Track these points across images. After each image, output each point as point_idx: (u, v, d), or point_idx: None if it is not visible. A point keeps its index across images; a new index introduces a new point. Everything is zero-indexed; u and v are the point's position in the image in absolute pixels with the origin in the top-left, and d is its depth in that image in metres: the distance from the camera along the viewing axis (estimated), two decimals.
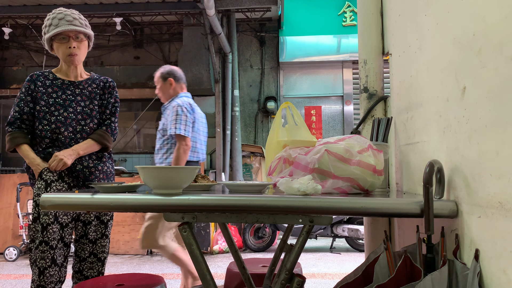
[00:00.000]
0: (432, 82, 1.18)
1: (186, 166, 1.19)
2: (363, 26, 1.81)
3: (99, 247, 2.03)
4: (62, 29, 1.93)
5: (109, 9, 5.90)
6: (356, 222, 5.30)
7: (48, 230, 1.87)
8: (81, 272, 2.00)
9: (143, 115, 7.17)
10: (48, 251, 1.86)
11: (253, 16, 6.66)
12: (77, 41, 2.00)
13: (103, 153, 2.11)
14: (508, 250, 0.80)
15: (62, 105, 1.99)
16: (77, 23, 1.98)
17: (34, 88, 1.99)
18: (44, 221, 1.87)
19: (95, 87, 2.10)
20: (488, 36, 0.87)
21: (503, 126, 0.81)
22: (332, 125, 7.01)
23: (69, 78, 2.07)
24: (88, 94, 2.07)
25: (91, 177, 2.03)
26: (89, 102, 2.05)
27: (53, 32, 1.94)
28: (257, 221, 1.15)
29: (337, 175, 1.24)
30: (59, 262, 1.91)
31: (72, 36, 1.98)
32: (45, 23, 1.99)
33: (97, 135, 2.03)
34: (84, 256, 2.00)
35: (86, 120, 2.03)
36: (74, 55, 1.99)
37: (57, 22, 1.95)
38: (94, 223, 2.02)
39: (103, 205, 1.16)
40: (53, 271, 1.87)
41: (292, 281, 1.16)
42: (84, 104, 2.04)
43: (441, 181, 1.03)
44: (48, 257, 1.85)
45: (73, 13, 2.01)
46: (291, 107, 1.66)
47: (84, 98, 2.05)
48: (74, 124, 1.99)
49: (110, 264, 4.83)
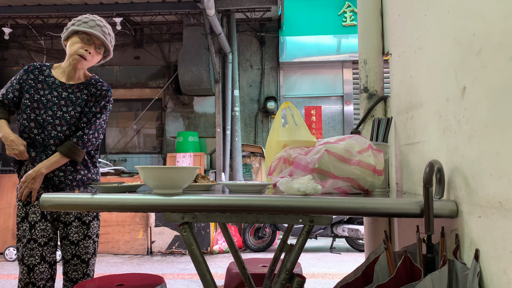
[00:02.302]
0: (432, 82, 1.18)
1: (186, 166, 1.19)
2: (363, 26, 1.81)
3: (81, 249, 1.96)
4: (94, 32, 1.91)
5: (109, 9, 5.90)
6: (356, 222, 5.30)
7: (36, 228, 1.86)
8: (66, 274, 1.97)
9: (143, 115, 7.17)
10: (37, 249, 1.85)
11: (253, 16, 6.66)
12: (96, 51, 1.97)
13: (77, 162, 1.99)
14: (508, 250, 0.80)
15: (44, 105, 1.92)
16: (109, 38, 1.99)
17: (25, 79, 1.95)
18: (32, 219, 1.87)
19: (85, 93, 2.00)
20: (488, 36, 0.87)
21: (503, 126, 0.81)
22: (332, 125, 7.01)
23: (63, 78, 2.00)
24: (74, 100, 1.96)
25: (61, 185, 1.95)
26: (72, 108, 1.95)
27: (84, 29, 1.90)
28: (257, 221, 1.15)
29: (337, 175, 1.24)
30: (49, 259, 1.89)
31: (97, 44, 1.95)
32: (82, 19, 1.95)
33: (65, 148, 1.90)
34: (67, 258, 1.96)
35: (63, 127, 1.92)
36: (84, 58, 1.94)
37: (94, 24, 1.93)
38: (74, 224, 1.95)
39: (103, 205, 1.16)
40: (43, 268, 1.86)
41: (292, 281, 1.16)
42: (66, 109, 1.94)
43: (441, 181, 1.03)
44: (37, 254, 1.84)
45: (110, 30, 2.02)
46: (291, 107, 1.66)
47: (68, 103, 1.95)
48: (49, 128, 1.91)
49: (110, 264, 4.83)
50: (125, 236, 5.46)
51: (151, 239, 5.49)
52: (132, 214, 5.46)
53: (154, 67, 7.30)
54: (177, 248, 5.46)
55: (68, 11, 5.92)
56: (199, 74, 6.34)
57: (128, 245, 5.45)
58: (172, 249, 5.47)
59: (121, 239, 5.45)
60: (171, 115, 7.27)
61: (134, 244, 5.45)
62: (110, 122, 7.43)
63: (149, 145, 7.39)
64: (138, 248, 5.44)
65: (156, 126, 7.30)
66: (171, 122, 7.26)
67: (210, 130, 7.10)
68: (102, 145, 7.35)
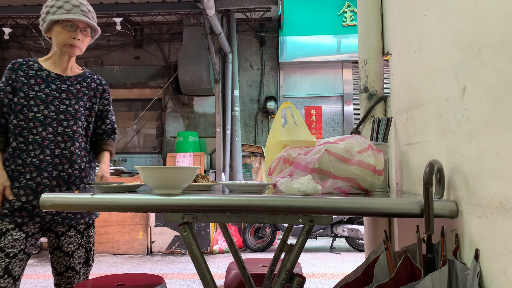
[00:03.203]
0: (432, 82, 1.18)
1: (186, 166, 1.19)
2: (363, 26, 1.81)
3: (76, 259, 1.80)
4: (74, 17, 1.75)
5: (109, 9, 5.90)
6: (356, 222, 5.30)
7: (7, 236, 1.66)
8: (59, 286, 1.81)
9: (143, 115, 7.17)
10: (3, 259, 1.63)
11: (253, 16, 6.66)
12: (83, 34, 1.82)
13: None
14: (508, 250, 0.80)
15: (43, 101, 1.76)
16: (90, 16, 1.83)
17: (15, 77, 1.77)
18: (4, 227, 1.67)
19: (85, 85, 1.89)
20: (488, 36, 0.87)
21: (503, 126, 0.81)
22: (332, 125, 7.02)
23: (57, 70, 1.84)
24: (75, 92, 1.84)
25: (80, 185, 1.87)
26: (75, 101, 1.82)
27: (64, 17, 1.74)
28: (257, 221, 1.15)
29: (337, 175, 1.24)
30: (14, 274, 1.66)
31: (81, 27, 1.79)
32: (54, 3, 1.79)
33: (111, 147, 1.95)
34: (60, 271, 1.79)
35: (69, 121, 1.79)
36: (75, 47, 1.80)
37: (70, 7, 1.77)
38: (68, 233, 1.79)
39: (103, 205, 1.16)
40: (5, 282, 1.63)
41: (292, 281, 1.16)
42: (69, 102, 1.80)
43: (441, 181, 1.03)
44: (1, 266, 1.62)
45: (88, 5, 1.85)
46: (291, 107, 1.66)
47: (70, 96, 1.82)
48: (55, 124, 1.76)
49: (110, 264, 4.83)
50: (125, 236, 5.46)
51: (151, 239, 5.49)
52: (132, 214, 5.46)
53: (154, 67, 7.30)
54: (177, 248, 5.46)
55: None
56: (199, 74, 6.34)
57: (128, 245, 5.46)
58: (172, 249, 5.47)
59: (121, 239, 5.45)
60: (171, 115, 7.27)
61: (134, 244, 5.45)
62: None
63: (149, 145, 7.40)
64: (138, 248, 5.44)
65: (156, 126, 7.30)
66: (171, 122, 7.26)
67: (210, 130, 7.10)
68: None
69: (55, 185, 1.75)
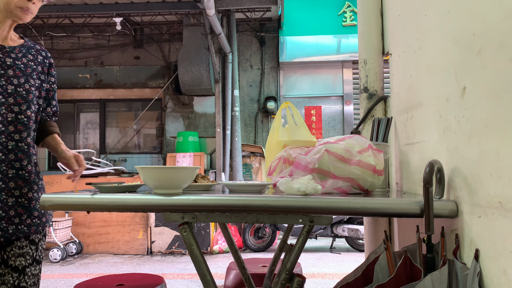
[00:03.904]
0: (432, 82, 1.18)
1: (186, 166, 1.19)
2: (363, 26, 1.81)
3: (28, 278, 1.40)
4: None
5: (109, 9, 5.90)
6: (356, 222, 5.30)
7: None
8: None
9: (143, 115, 7.17)
10: None
11: (253, 16, 6.66)
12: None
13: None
14: (508, 250, 0.80)
15: None
16: None
17: None
18: None
19: (31, 59, 1.50)
20: (488, 36, 0.87)
21: (503, 126, 0.81)
22: (332, 125, 7.02)
23: None
24: (23, 68, 1.46)
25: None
26: (24, 79, 1.44)
27: None
28: (257, 221, 1.15)
29: (337, 175, 1.24)
30: None
31: None
32: None
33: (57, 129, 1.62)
34: None
35: (22, 106, 1.42)
36: (29, 12, 1.43)
37: None
38: (19, 244, 1.41)
39: (103, 205, 1.16)
40: None
41: (292, 281, 1.16)
42: (17, 81, 1.42)
43: (441, 181, 1.03)
44: None
45: None
46: (291, 107, 1.66)
47: (18, 72, 1.43)
48: (3, 110, 1.38)
49: (110, 264, 4.83)
50: (125, 236, 5.46)
51: (151, 239, 5.49)
52: (132, 214, 5.46)
53: (154, 67, 7.30)
54: (177, 248, 5.46)
55: (68, 11, 5.91)
56: (199, 74, 6.34)
57: (128, 245, 5.46)
58: (172, 249, 5.47)
59: (121, 239, 5.46)
60: (171, 115, 7.27)
61: (134, 244, 5.45)
62: (110, 122, 7.44)
63: (149, 145, 7.40)
64: (138, 248, 5.44)
65: (156, 126, 7.30)
66: (171, 122, 7.26)
67: (210, 130, 7.10)
68: (102, 145, 7.36)
69: (13, 187, 1.40)
